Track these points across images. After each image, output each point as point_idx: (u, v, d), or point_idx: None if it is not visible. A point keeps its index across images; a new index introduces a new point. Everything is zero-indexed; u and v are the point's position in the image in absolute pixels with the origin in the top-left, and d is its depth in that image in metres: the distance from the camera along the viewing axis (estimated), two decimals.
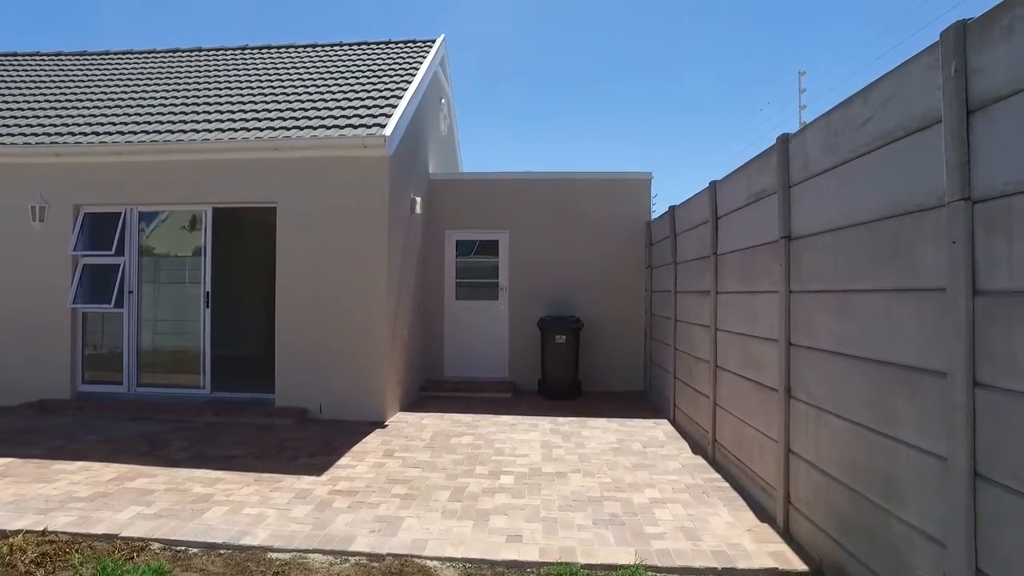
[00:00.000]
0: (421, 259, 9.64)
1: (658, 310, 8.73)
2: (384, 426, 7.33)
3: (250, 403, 7.85)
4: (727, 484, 5.23)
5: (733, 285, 5.39)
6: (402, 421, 7.65)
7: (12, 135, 8.58)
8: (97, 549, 3.96)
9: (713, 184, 6.04)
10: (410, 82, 9.14)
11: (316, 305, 7.66)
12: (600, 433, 7.12)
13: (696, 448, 6.38)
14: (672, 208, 7.88)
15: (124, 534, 4.14)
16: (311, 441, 6.59)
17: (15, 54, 12.63)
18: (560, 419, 7.83)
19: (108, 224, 8.25)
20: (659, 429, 7.32)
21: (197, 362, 8.15)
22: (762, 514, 4.49)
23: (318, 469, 5.60)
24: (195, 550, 3.98)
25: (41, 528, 4.21)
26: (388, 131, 7.46)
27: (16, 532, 4.16)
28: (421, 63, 9.99)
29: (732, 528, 4.27)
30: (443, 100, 11.59)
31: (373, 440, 6.70)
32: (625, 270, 9.97)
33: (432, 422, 7.62)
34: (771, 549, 3.93)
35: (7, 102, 9.98)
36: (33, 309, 8.24)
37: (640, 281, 9.93)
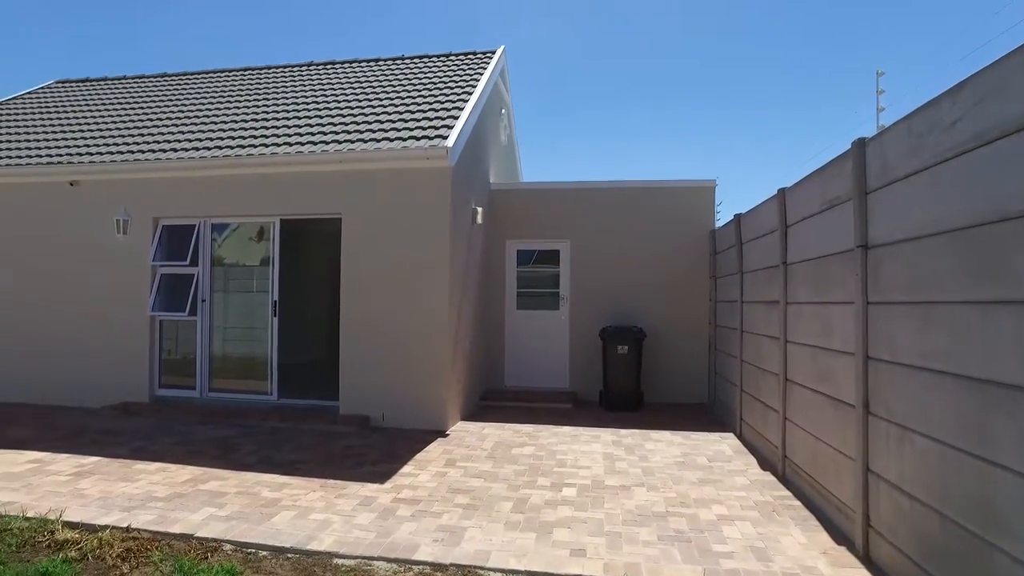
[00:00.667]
0: (482, 269, 9.69)
1: (723, 320, 8.50)
2: (446, 435, 7.38)
3: (314, 410, 8.04)
4: (799, 502, 5.01)
5: (804, 295, 5.19)
6: (463, 431, 7.68)
7: (100, 154, 9.10)
8: (175, 548, 4.11)
9: (782, 191, 5.85)
10: (471, 93, 9.23)
11: (379, 315, 7.79)
12: (664, 446, 6.96)
13: (764, 464, 6.15)
14: (738, 216, 7.67)
15: (199, 534, 4.29)
16: (374, 449, 6.69)
17: (105, 78, 13.45)
18: (622, 431, 7.70)
19: (184, 236, 8.63)
20: (725, 443, 7.11)
21: (264, 369, 8.41)
22: (838, 536, 4.28)
23: (381, 477, 5.67)
24: (264, 553, 4.08)
25: (125, 525, 4.41)
26: (450, 142, 7.55)
27: (104, 527, 4.37)
28: (482, 74, 10.09)
29: (806, 550, 4.08)
30: (503, 111, 11.66)
31: (435, 449, 6.74)
32: (688, 280, 9.76)
33: (493, 432, 7.62)
34: (850, 574, 3.74)
35: (97, 123, 10.61)
36: (118, 316, 8.69)
37: (704, 291, 9.70)
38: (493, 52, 11.30)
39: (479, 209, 8.96)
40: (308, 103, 9.97)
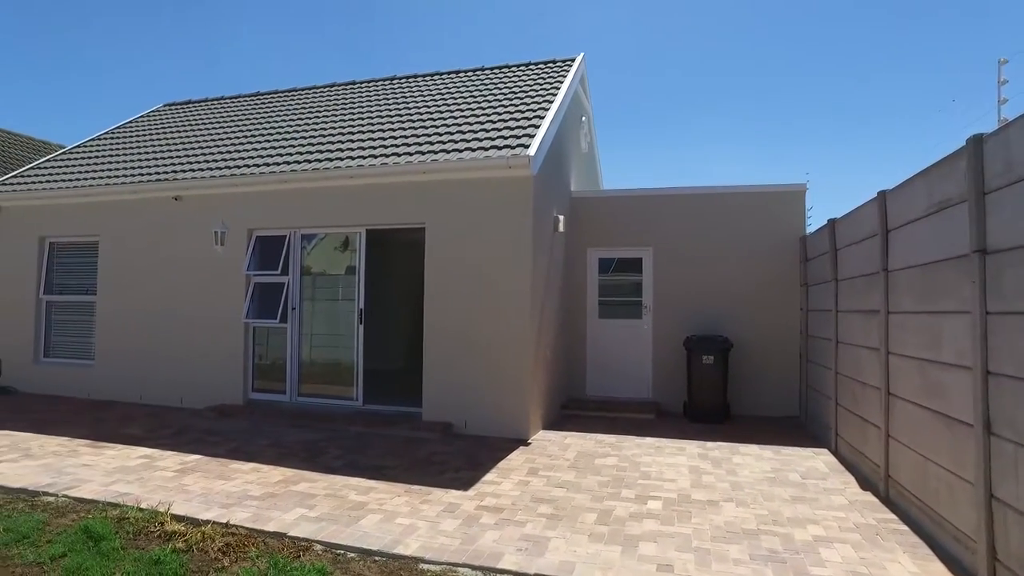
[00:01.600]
0: (564, 277, 9.65)
1: (815, 330, 8.09)
2: (527, 444, 7.36)
3: (398, 416, 8.21)
4: (905, 527, 4.68)
5: (908, 304, 4.86)
6: (545, 439, 7.64)
7: (200, 170, 9.70)
8: (269, 545, 4.27)
9: (882, 194, 5.52)
10: (551, 102, 9.24)
11: (462, 322, 7.89)
12: (753, 460, 6.68)
13: (864, 483, 5.79)
14: (832, 221, 7.30)
15: (291, 533, 4.44)
16: (457, 456, 6.75)
17: (205, 99, 14.36)
18: (708, 443, 7.45)
19: (275, 246, 9.04)
20: (819, 459, 6.74)
21: (350, 375, 8.67)
22: (956, 566, 3.95)
23: (465, 484, 5.71)
24: (353, 555, 4.18)
25: (224, 521, 4.63)
26: (532, 151, 7.57)
27: (206, 522, 4.61)
28: (562, 82, 10.08)
29: None
30: (583, 118, 11.61)
31: (517, 458, 6.73)
32: (777, 288, 9.37)
33: (575, 442, 7.55)
34: None
35: (198, 141, 11.33)
36: (216, 323, 9.20)
37: (793, 299, 9.28)
38: (573, 59, 11.28)
39: (561, 217, 8.94)
40: (392, 116, 10.26)
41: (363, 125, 10.09)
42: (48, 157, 12.50)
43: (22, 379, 10.56)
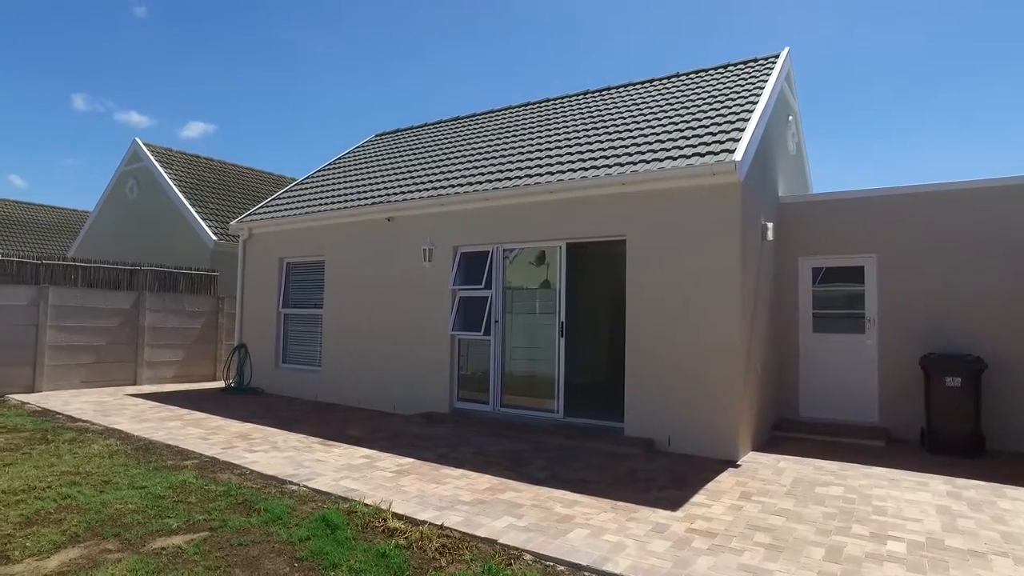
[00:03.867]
0: (773, 289, 8.95)
1: None
2: (736, 465, 6.86)
3: (598, 430, 8.10)
4: None
5: None
6: (756, 462, 7.07)
7: (409, 191, 10.47)
8: (481, 550, 4.35)
9: None
10: (755, 103, 8.67)
11: (666, 336, 7.60)
12: None
13: None
14: None
15: (502, 541, 4.49)
16: (661, 474, 6.47)
17: (411, 127, 15.60)
18: (959, 480, 6.38)
19: (479, 262, 9.44)
20: None
21: (551, 387, 8.73)
22: None
23: (672, 504, 5.43)
24: (562, 568, 4.11)
25: (439, 523, 4.82)
26: (738, 156, 7.12)
27: (422, 522, 4.84)
28: (765, 82, 9.43)
29: None
30: (790, 117, 10.77)
31: (726, 479, 6.29)
32: None
33: (790, 466, 6.89)
34: None
35: (407, 165, 12.27)
36: (425, 335, 9.81)
37: None
38: (776, 56, 10.52)
39: (769, 225, 8.31)
40: (588, 129, 10.29)
41: (560, 140, 10.24)
42: (284, 189, 14.31)
43: (267, 382, 12.12)
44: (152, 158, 17.79)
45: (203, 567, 3.99)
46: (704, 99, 9.77)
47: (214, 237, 15.46)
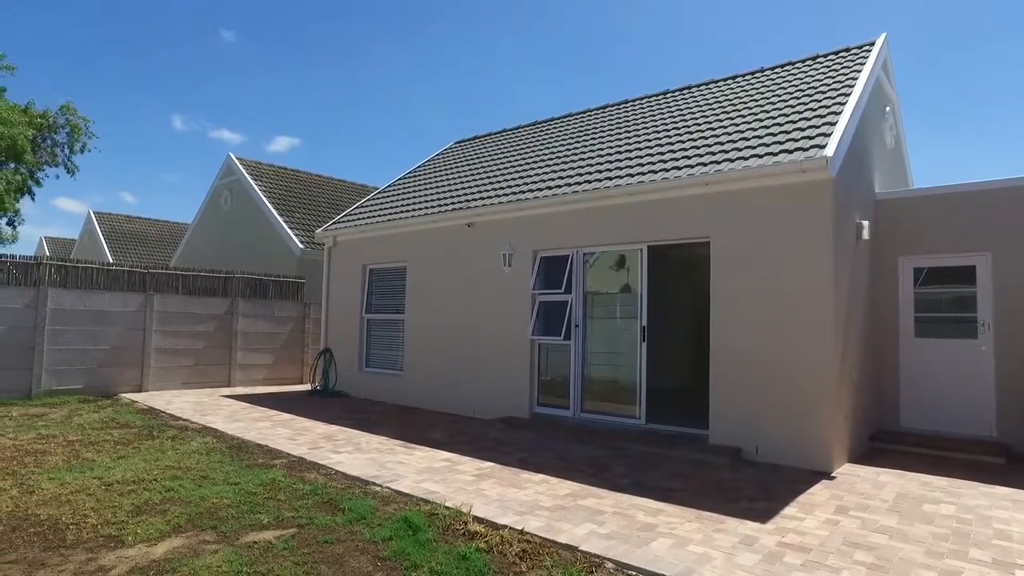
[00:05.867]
0: (869, 290, 8.43)
1: None
2: (831, 478, 6.47)
3: (681, 437, 7.85)
4: None
5: None
6: (852, 474, 6.65)
7: (489, 197, 10.53)
8: (562, 556, 4.28)
9: None
10: (848, 95, 8.21)
11: (752, 341, 7.29)
12: None
13: None
14: None
15: (582, 548, 4.40)
16: (749, 484, 6.18)
17: (489, 133, 15.75)
18: None
19: (558, 266, 9.37)
20: None
21: (632, 393, 8.54)
22: None
23: (761, 516, 5.17)
24: None
25: (520, 527, 4.77)
26: (829, 152, 6.75)
27: (503, 527, 4.80)
28: (859, 72, 8.91)
29: None
30: (887, 108, 10.14)
31: (820, 492, 5.94)
32: None
33: (891, 480, 6.43)
34: None
35: (486, 171, 12.38)
36: (505, 340, 9.83)
37: None
38: (871, 44, 9.93)
39: (864, 223, 7.83)
40: (668, 129, 10.05)
41: (640, 141, 10.04)
42: (367, 198, 14.74)
43: (350, 385, 12.47)
44: (244, 171, 18.76)
45: (291, 562, 4.11)
46: (792, 94, 9.35)
47: (301, 245, 16.10)
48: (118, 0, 41.16)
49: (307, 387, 13.57)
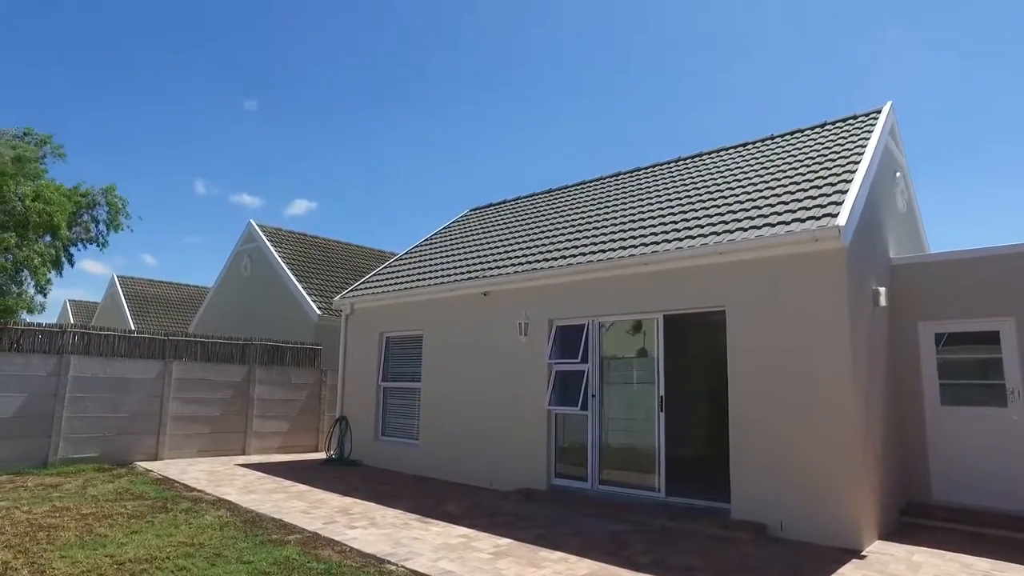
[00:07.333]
0: (890, 357, 8.31)
1: None
2: (861, 556, 6.22)
3: (703, 511, 7.63)
4: None
5: None
6: (884, 553, 6.39)
7: (505, 266, 10.63)
8: None
9: None
10: (857, 162, 8.32)
11: (772, 411, 7.17)
12: None
13: None
14: None
15: None
16: (775, 563, 5.97)
17: (504, 201, 16.00)
18: None
19: (574, 335, 9.34)
20: None
21: (651, 462, 8.35)
22: None
23: None
24: None
25: None
26: (841, 220, 6.80)
27: None
28: (868, 139, 9.05)
29: None
30: (897, 174, 10.23)
31: (851, 573, 5.71)
32: None
33: (928, 560, 6.17)
34: None
35: (502, 239, 12.54)
36: (522, 410, 9.73)
37: None
38: (878, 112, 10.11)
39: (881, 290, 7.79)
40: (681, 197, 10.18)
41: (653, 209, 10.16)
42: (384, 265, 14.93)
43: (365, 453, 12.35)
44: (264, 238, 19.16)
45: None
46: (802, 161, 9.49)
47: (318, 311, 16.26)
48: (152, 84, 43.35)
49: (322, 455, 13.44)
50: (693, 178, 11.03)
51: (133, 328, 19.43)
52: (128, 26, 39.15)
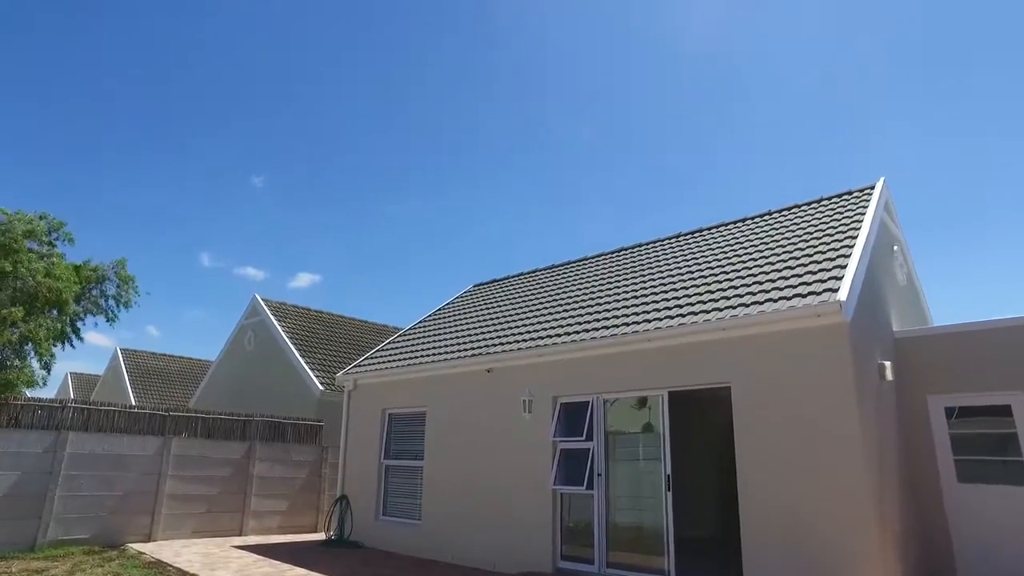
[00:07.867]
0: (901, 432, 8.17)
1: None
2: None
3: None
4: None
5: None
6: None
7: (508, 343, 10.61)
8: None
9: None
10: (855, 236, 8.44)
11: (783, 491, 6.99)
12: None
13: None
14: None
15: None
16: None
17: (507, 277, 16.15)
18: None
19: (579, 412, 9.21)
20: None
21: (659, 543, 8.06)
22: None
23: None
24: None
25: None
26: (842, 295, 6.84)
27: None
28: (864, 213, 9.22)
29: None
30: (895, 247, 10.35)
31: None
32: None
33: None
34: None
35: (505, 315, 12.57)
36: (524, 488, 9.49)
37: None
38: (872, 187, 10.34)
39: (887, 364, 7.74)
40: (683, 273, 10.26)
41: (655, 285, 10.21)
42: (387, 340, 14.91)
43: (366, 534, 11.97)
44: (268, 312, 19.25)
45: None
46: (800, 236, 9.63)
47: (320, 386, 16.14)
48: (173, 166, 45.08)
49: (322, 536, 13.03)
50: (694, 254, 11.15)
51: (134, 402, 19.29)
52: (133, 112, 40.84)
